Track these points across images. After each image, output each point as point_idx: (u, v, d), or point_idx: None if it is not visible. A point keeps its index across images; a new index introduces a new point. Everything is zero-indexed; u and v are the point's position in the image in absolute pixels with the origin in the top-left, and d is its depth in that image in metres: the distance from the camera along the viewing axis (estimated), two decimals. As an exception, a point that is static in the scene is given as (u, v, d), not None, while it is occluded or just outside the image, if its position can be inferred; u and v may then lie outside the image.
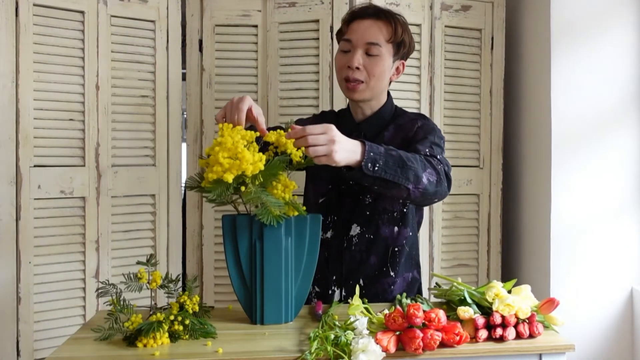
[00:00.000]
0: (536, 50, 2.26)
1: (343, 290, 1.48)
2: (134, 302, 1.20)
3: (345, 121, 1.53)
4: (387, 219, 1.47)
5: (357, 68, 1.42)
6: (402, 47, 1.48)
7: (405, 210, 1.49)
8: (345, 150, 1.16)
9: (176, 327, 1.13)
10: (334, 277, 1.49)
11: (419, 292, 1.56)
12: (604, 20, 2.13)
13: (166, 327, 1.11)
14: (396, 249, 1.48)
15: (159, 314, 1.12)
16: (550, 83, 2.13)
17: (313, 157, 1.15)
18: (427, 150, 1.37)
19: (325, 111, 1.69)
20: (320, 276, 1.46)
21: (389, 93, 1.54)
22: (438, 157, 1.36)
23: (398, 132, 1.48)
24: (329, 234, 1.49)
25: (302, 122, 1.54)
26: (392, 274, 1.48)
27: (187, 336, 1.14)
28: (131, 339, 1.10)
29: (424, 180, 1.26)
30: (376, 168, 1.19)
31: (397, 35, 1.44)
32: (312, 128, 1.15)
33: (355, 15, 1.46)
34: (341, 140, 1.16)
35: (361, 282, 1.47)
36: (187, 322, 1.13)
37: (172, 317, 1.13)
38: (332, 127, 1.16)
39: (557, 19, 2.13)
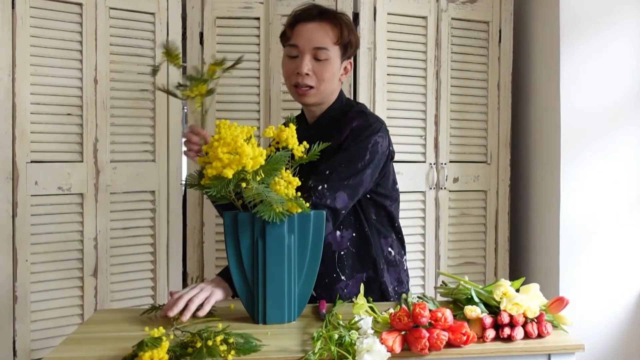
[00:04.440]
0: (545, 43, 2.22)
1: None
2: (141, 300, 1.15)
3: (300, 124, 1.46)
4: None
5: (307, 74, 1.41)
6: (350, 47, 1.46)
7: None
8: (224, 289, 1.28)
9: (220, 347, 0.98)
10: None
11: (383, 293, 1.48)
12: (614, 13, 2.11)
13: (166, 347, 0.97)
14: (342, 252, 1.46)
15: (160, 328, 0.99)
16: (559, 77, 2.10)
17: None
18: (318, 177, 1.34)
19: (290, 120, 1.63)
20: None
21: (341, 91, 1.52)
22: (319, 188, 1.32)
23: (339, 135, 1.42)
24: None
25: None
26: (343, 277, 1.46)
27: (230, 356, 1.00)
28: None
29: None
30: None
31: (343, 37, 1.43)
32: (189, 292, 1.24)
33: (298, 18, 1.44)
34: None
35: (313, 293, 1.38)
36: (230, 340, 1.02)
37: (211, 338, 0.99)
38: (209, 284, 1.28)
39: (566, 11, 2.10)
